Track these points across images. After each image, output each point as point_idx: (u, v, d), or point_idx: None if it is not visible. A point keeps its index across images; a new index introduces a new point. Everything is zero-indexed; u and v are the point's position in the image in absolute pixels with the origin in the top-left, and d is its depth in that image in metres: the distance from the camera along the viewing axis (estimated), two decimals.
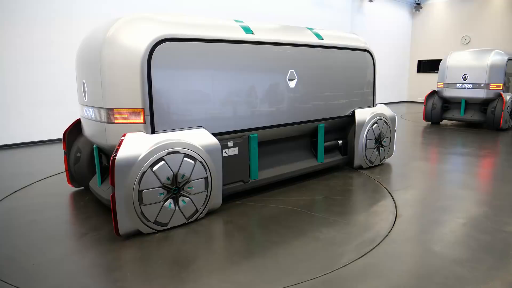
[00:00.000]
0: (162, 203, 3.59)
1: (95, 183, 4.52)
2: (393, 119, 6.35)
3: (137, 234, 3.56)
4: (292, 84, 4.92)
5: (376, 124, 5.94)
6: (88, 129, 4.33)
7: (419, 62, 19.15)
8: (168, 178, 3.58)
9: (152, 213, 3.55)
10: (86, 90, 4.06)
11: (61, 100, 8.41)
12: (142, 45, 3.53)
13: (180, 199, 3.71)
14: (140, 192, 3.43)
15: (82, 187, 5.04)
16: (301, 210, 4.25)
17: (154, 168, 3.48)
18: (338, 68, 5.57)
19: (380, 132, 6.05)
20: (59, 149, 7.04)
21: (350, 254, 3.20)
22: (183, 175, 3.67)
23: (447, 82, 10.78)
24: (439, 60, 17.09)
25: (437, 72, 11.37)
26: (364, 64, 6.01)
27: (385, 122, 6.12)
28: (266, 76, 4.64)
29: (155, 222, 3.59)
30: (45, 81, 8.22)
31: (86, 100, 4.12)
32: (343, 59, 5.62)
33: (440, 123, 11.47)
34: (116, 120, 3.66)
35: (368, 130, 5.83)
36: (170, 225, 3.70)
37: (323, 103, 5.40)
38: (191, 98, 3.95)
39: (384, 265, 3.05)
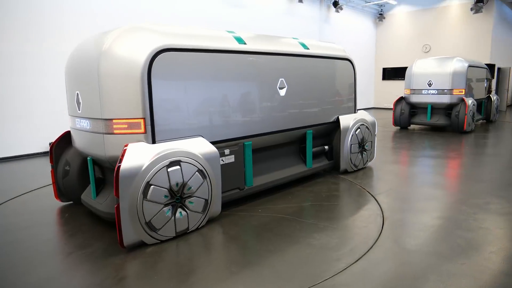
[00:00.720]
0: (164, 209, 3.58)
1: (88, 196, 4.40)
2: (373, 124, 6.63)
3: (129, 249, 3.45)
4: (282, 92, 5.06)
5: (359, 130, 6.18)
6: (81, 141, 4.21)
7: (384, 70, 19.94)
8: (171, 188, 3.59)
9: (158, 223, 3.55)
10: (81, 101, 4.00)
11: (24, 115, 8.05)
12: (142, 55, 3.54)
13: (179, 210, 3.70)
14: (144, 202, 3.41)
15: (71, 202, 4.88)
16: (291, 217, 4.29)
17: (158, 178, 3.47)
18: (323, 76, 5.80)
19: (363, 137, 6.29)
20: (25, 166, 6.72)
21: (346, 258, 3.26)
22: (185, 184, 3.69)
23: (413, 88, 11.29)
24: (403, 68, 18.00)
25: (401, 79, 11.91)
26: (346, 72, 6.28)
27: (366, 127, 6.38)
28: (259, 85, 4.76)
29: (147, 223, 3.50)
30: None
31: (80, 112, 4.04)
32: (327, 67, 5.87)
33: (409, 127, 11.97)
34: (115, 131, 3.62)
35: (352, 135, 6.05)
36: (159, 232, 3.60)
37: (311, 110, 5.59)
38: (189, 107, 3.98)
39: (381, 267, 3.13)
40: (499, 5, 16.57)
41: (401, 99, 11.74)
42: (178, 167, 3.62)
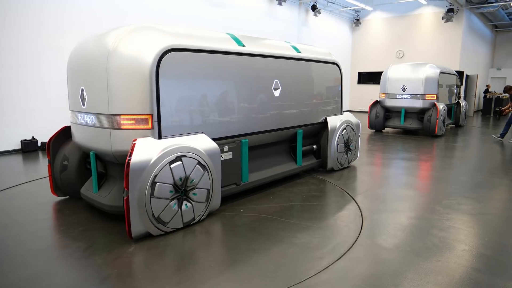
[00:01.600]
0: (171, 203, 3.74)
1: (88, 190, 4.47)
2: (357, 126, 6.99)
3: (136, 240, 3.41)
4: (277, 93, 5.32)
5: (345, 130, 6.52)
6: (84, 136, 4.27)
7: (359, 73, 20.42)
8: (177, 181, 3.74)
9: (167, 217, 3.73)
10: (86, 97, 4.07)
11: None
12: (151, 54, 3.69)
13: (185, 202, 3.88)
14: (152, 195, 3.55)
15: (67, 196, 4.91)
16: (273, 217, 4.35)
17: (165, 171, 3.63)
18: (313, 78, 6.10)
19: (348, 137, 6.63)
20: None
21: (328, 257, 3.35)
22: (189, 178, 3.85)
23: (388, 92, 11.65)
24: (378, 72, 18.49)
25: (376, 83, 12.25)
26: (333, 75, 6.63)
27: (352, 128, 6.74)
28: (256, 85, 4.99)
29: (157, 219, 3.68)
30: None
31: (84, 107, 4.12)
32: (316, 70, 6.17)
33: (383, 130, 12.32)
34: (123, 126, 3.75)
35: (339, 135, 6.38)
36: (168, 225, 3.78)
37: (301, 111, 5.87)
38: (192, 105, 4.17)
39: (361, 265, 3.24)
40: (468, 15, 17.34)
41: (376, 103, 12.08)
42: (180, 162, 3.76)
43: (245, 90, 4.80)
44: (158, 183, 3.58)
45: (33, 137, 8.30)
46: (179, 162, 3.74)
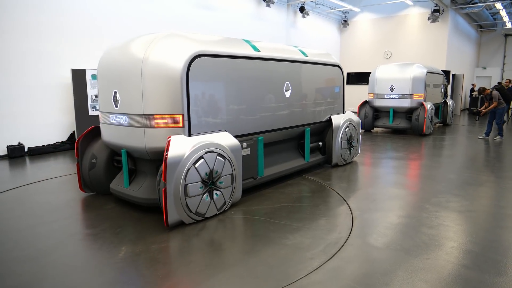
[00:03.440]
0: (203, 197, 4.16)
1: (118, 185, 4.84)
2: (358, 124, 7.45)
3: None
4: (288, 93, 5.81)
5: (347, 128, 6.99)
6: (115, 135, 4.65)
7: (348, 74, 20.57)
8: (206, 174, 4.14)
9: (203, 209, 4.19)
10: (119, 99, 4.45)
11: None
12: (181, 60, 4.12)
13: (214, 192, 4.28)
14: (185, 186, 3.93)
15: (94, 192, 5.27)
16: (264, 218, 4.35)
17: (196, 165, 4.03)
18: (319, 80, 6.64)
19: (351, 135, 7.10)
20: None
21: (319, 257, 3.36)
22: (216, 171, 4.27)
23: (376, 93, 11.76)
24: (366, 73, 18.62)
25: (365, 84, 12.35)
26: (336, 76, 7.12)
27: (353, 126, 7.22)
28: (270, 87, 5.48)
29: (196, 213, 4.12)
30: None
31: (117, 108, 4.50)
32: (321, 72, 6.68)
33: (372, 130, 12.43)
34: (156, 125, 4.14)
35: (342, 133, 6.84)
36: (206, 215, 4.23)
37: (309, 110, 6.36)
38: (216, 105, 4.62)
39: (352, 265, 3.26)
40: (453, 15, 17.61)
41: (365, 103, 12.18)
42: (212, 155, 4.21)
43: (260, 91, 5.27)
44: (189, 184, 3.96)
45: (19, 143, 8.17)
46: (212, 155, 4.20)
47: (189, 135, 4.23)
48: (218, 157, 4.28)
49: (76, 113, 8.84)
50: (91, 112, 9.05)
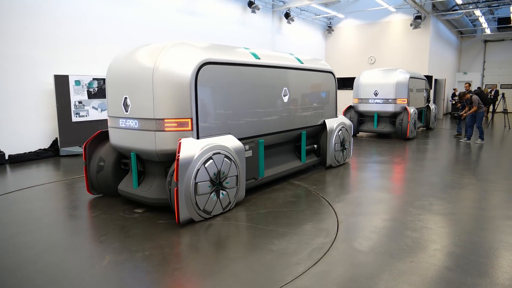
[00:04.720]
0: (211, 196, 4.40)
1: (127, 186, 5.00)
2: (350, 127, 7.81)
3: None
4: (286, 99, 6.11)
5: (340, 131, 7.33)
6: (125, 138, 4.81)
7: None
8: (214, 174, 4.38)
9: (210, 207, 4.42)
10: (129, 104, 4.63)
11: None
12: (190, 67, 4.37)
13: (221, 191, 4.53)
14: (196, 184, 4.16)
15: (101, 194, 5.42)
16: (250, 224, 4.34)
17: (206, 165, 4.28)
18: (314, 85, 6.98)
19: (344, 137, 7.43)
20: None
21: (305, 262, 3.37)
22: (223, 172, 4.51)
23: (361, 97, 11.91)
24: (350, 78, 18.83)
25: (349, 89, 12.50)
26: (329, 82, 7.48)
27: (346, 129, 7.56)
28: (270, 92, 5.78)
29: (204, 211, 4.35)
30: None
31: (127, 113, 4.68)
32: (316, 78, 7.02)
33: (357, 135, 12.56)
34: (166, 129, 4.36)
35: (336, 136, 7.16)
36: (213, 213, 4.46)
37: (305, 114, 6.67)
38: (222, 109, 4.87)
39: (337, 269, 3.27)
40: (435, 22, 18.02)
41: (350, 107, 12.32)
42: (219, 156, 4.46)
43: (261, 96, 5.56)
44: (199, 183, 4.19)
45: None
46: (218, 156, 4.43)
47: (197, 137, 4.46)
48: (225, 158, 4.51)
49: (58, 120, 8.69)
50: (74, 119, 8.91)
